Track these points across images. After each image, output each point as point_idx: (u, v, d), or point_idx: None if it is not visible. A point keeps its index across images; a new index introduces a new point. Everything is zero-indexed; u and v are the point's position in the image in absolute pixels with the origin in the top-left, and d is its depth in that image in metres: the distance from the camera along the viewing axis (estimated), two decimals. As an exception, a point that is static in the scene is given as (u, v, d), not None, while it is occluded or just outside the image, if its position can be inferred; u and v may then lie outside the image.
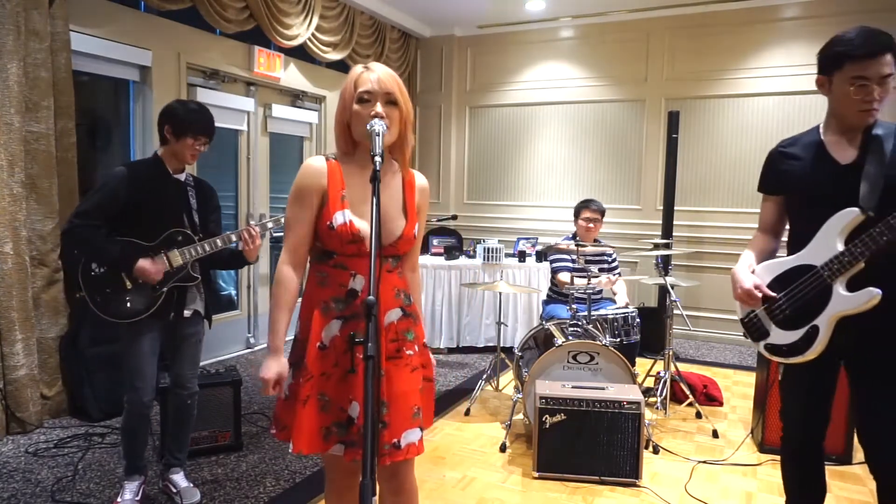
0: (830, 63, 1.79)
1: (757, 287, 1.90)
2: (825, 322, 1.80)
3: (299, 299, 1.67)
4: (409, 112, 1.63)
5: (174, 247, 2.43)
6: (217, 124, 2.53)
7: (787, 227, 2.04)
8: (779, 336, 1.91)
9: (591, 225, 4.10)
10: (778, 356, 1.93)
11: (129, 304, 2.38)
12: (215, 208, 2.65)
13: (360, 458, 1.57)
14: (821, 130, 1.92)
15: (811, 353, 1.83)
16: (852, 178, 1.79)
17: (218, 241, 2.46)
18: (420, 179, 1.75)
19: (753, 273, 1.97)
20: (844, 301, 1.77)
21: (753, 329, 1.99)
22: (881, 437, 1.83)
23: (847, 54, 1.74)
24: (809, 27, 5.29)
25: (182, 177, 2.53)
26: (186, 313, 2.53)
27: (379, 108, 1.55)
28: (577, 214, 4.18)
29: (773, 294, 1.90)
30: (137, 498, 2.54)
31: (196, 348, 2.63)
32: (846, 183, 1.79)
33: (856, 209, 1.75)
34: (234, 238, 2.48)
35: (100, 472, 2.90)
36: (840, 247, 1.77)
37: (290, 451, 1.59)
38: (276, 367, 1.59)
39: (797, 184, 1.91)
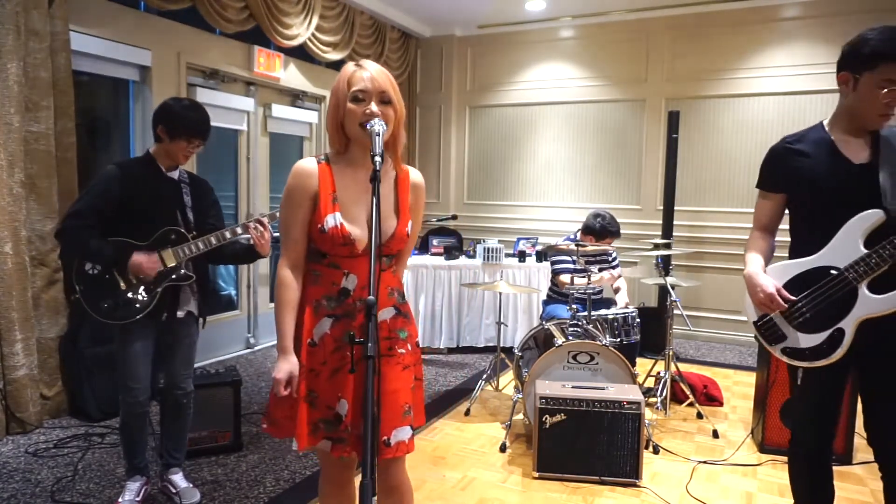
0: (862, 61, 1.71)
1: (778, 290, 1.86)
2: (851, 324, 1.76)
3: None
4: (402, 110, 1.63)
5: (167, 246, 2.39)
6: (217, 124, 2.51)
7: (789, 226, 1.98)
8: (800, 339, 1.86)
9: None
10: (799, 360, 1.87)
11: (123, 305, 2.35)
12: (212, 204, 2.61)
13: (347, 454, 1.61)
14: (826, 128, 1.86)
15: (834, 357, 1.79)
16: (867, 178, 1.75)
17: (212, 238, 2.42)
18: (414, 175, 1.73)
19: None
20: (873, 303, 1.73)
21: (769, 332, 1.93)
22: (894, 438, 1.81)
23: (885, 55, 1.66)
24: (809, 27, 5.29)
25: (175, 174, 2.48)
26: (180, 314, 2.50)
27: (374, 107, 1.54)
28: (600, 237, 3.97)
29: (792, 297, 1.86)
30: (139, 499, 2.53)
31: (189, 349, 2.60)
32: (861, 183, 1.76)
33: (879, 211, 1.72)
34: (228, 235, 2.44)
35: (99, 472, 2.90)
36: (863, 248, 1.74)
37: (293, 448, 1.60)
38: (287, 366, 1.60)
39: (809, 182, 1.84)
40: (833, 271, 1.80)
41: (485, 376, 4.03)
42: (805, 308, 1.85)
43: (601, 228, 3.97)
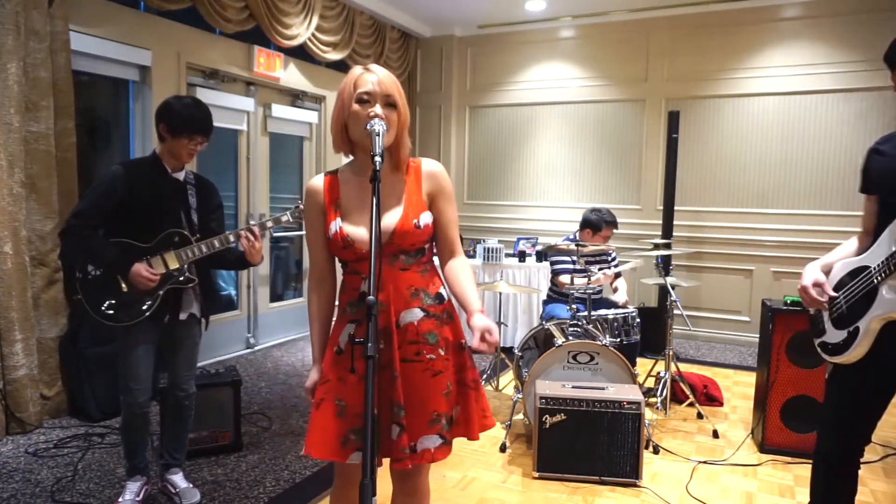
0: (887, 63, 1.75)
1: (817, 284, 1.85)
2: (866, 324, 1.74)
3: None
4: (407, 116, 1.62)
5: (171, 248, 2.39)
6: (217, 124, 2.49)
7: None
8: (830, 334, 1.87)
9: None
10: (825, 354, 1.89)
11: (124, 307, 2.34)
12: (217, 207, 2.60)
13: (379, 462, 1.56)
14: None
15: (848, 356, 1.78)
16: None
17: (216, 241, 2.42)
18: (428, 165, 1.69)
19: (831, 271, 1.91)
20: (888, 304, 1.70)
21: (814, 325, 1.96)
22: None
23: (889, 58, 1.69)
24: (809, 27, 5.28)
25: (181, 175, 2.47)
26: (182, 316, 2.49)
27: (378, 108, 1.54)
28: (597, 229, 4.04)
29: (833, 293, 1.86)
30: (139, 499, 2.53)
31: (192, 351, 2.60)
32: None
33: None
34: (232, 239, 2.44)
35: (99, 472, 2.90)
36: (894, 247, 1.70)
37: (301, 452, 1.59)
38: (314, 375, 1.70)
39: (878, 180, 1.84)
40: (867, 269, 1.79)
41: (485, 376, 4.03)
42: (841, 303, 1.85)
43: (598, 220, 4.00)
